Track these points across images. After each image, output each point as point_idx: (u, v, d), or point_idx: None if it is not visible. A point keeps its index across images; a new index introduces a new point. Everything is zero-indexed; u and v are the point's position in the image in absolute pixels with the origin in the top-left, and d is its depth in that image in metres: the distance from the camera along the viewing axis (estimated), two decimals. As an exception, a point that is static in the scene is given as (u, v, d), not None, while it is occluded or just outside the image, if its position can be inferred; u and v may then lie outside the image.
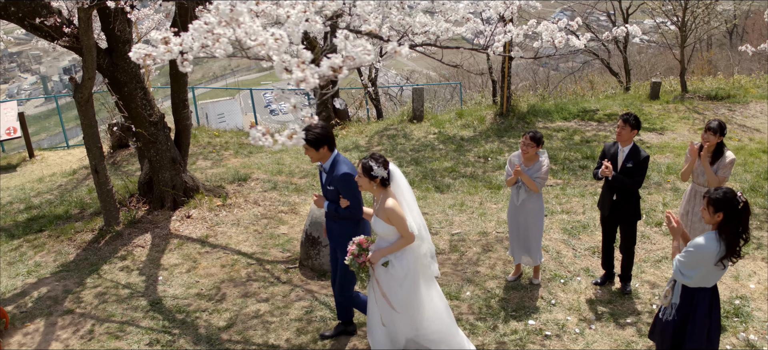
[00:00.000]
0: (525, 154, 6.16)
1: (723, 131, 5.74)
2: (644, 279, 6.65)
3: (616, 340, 5.62)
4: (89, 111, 7.21)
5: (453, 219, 8.16)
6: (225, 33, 3.25)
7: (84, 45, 6.63)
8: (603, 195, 6.34)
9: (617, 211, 6.19)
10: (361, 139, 12.17)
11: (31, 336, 5.89)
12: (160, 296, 6.45)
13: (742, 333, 5.62)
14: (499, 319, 5.95)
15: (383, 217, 4.58)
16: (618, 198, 6.14)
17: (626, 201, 6.13)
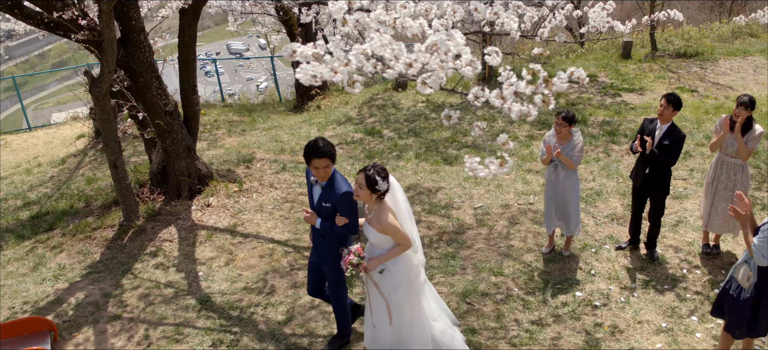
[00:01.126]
0: (558, 133, 6.36)
1: (753, 105, 6.10)
2: (666, 244, 7.04)
3: (659, 306, 5.99)
4: (106, 105, 6.89)
5: (471, 192, 8.33)
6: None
7: (105, 38, 6.31)
8: (637, 167, 6.63)
9: (649, 184, 6.50)
10: (350, 110, 12.09)
11: (83, 346, 5.74)
12: (207, 293, 6.37)
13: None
14: (547, 293, 6.22)
15: (377, 228, 4.62)
16: (650, 172, 6.44)
17: (658, 176, 6.44)
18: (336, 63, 3.17)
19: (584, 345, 5.48)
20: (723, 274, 6.45)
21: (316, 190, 4.81)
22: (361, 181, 4.54)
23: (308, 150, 4.56)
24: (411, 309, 4.92)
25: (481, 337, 5.63)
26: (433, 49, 3.14)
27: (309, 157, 4.57)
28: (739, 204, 4.63)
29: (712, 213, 6.58)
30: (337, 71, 3.19)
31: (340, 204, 4.69)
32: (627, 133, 10.06)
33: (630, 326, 5.73)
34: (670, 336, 5.57)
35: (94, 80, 6.70)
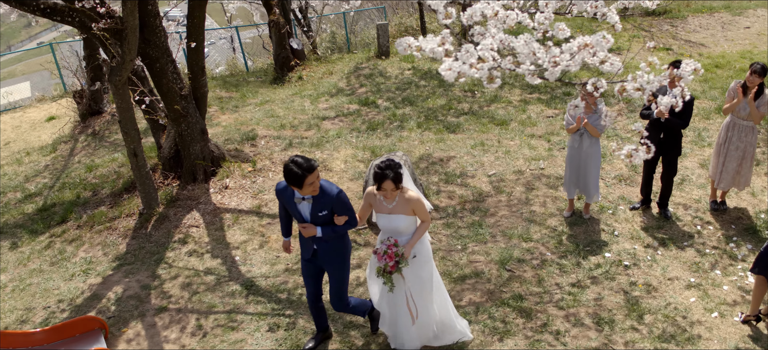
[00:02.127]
0: (586, 104, 6.63)
1: (765, 73, 6.52)
2: (675, 202, 7.49)
3: (684, 263, 6.43)
4: (126, 94, 6.71)
5: (481, 160, 8.56)
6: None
7: (129, 25, 6.12)
8: (650, 133, 6.95)
9: (663, 147, 6.87)
10: (337, 80, 12.05)
11: (135, 341, 5.70)
12: (250, 278, 6.40)
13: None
14: (579, 255, 6.55)
15: (406, 211, 4.80)
16: (665, 137, 6.81)
17: (672, 139, 6.82)
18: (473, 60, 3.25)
19: (626, 304, 5.85)
20: (733, 229, 6.94)
21: (304, 206, 4.68)
22: (388, 186, 4.64)
23: (301, 171, 4.39)
24: (434, 287, 5.14)
25: (529, 302, 5.91)
26: (583, 48, 3.27)
27: (303, 178, 4.40)
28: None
29: (722, 171, 7.03)
30: (477, 68, 3.28)
31: (337, 206, 4.67)
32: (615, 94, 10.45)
33: (662, 283, 6.13)
34: (701, 291, 6.01)
35: (113, 69, 6.49)
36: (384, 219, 4.88)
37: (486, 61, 3.36)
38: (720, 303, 5.82)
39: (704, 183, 7.80)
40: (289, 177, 4.45)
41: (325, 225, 4.73)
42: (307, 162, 4.44)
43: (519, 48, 3.37)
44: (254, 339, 5.60)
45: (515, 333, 5.57)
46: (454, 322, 5.36)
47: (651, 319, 5.68)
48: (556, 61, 3.46)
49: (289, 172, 4.44)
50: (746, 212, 7.21)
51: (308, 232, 4.73)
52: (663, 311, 5.75)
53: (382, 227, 4.93)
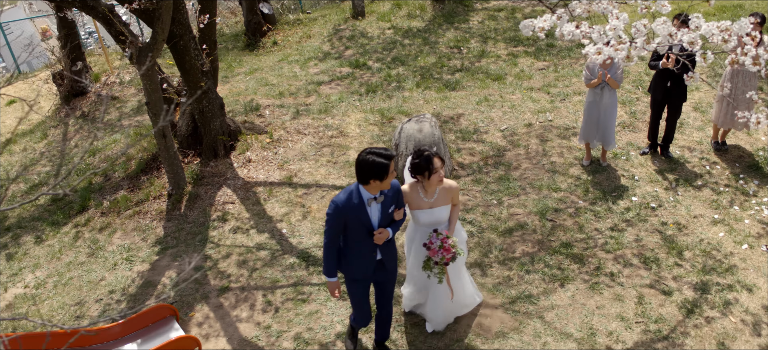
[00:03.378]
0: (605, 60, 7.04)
1: (765, 21, 7.12)
2: (679, 145, 8.10)
3: (703, 201, 7.05)
4: (154, 76, 6.56)
5: (490, 115, 8.89)
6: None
7: (164, 4, 5.98)
8: (656, 81, 7.50)
9: (670, 95, 7.42)
10: (320, 43, 11.98)
11: (206, 324, 5.76)
12: (304, 249, 6.52)
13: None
14: (608, 201, 7.06)
15: (447, 201, 4.95)
16: (671, 85, 7.35)
17: (678, 87, 7.37)
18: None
19: (664, 243, 6.40)
20: (738, 167, 7.63)
21: (374, 209, 4.44)
22: (439, 165, 4.76)
23: (387, 159, 4.26)
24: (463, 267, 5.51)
25: (578, 249, 6.37)
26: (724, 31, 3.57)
27: (389, 166, 4.28)
28: None
29: (727, 113, 7.65)
30: (618, 49, 3.55)
31: (399, 198, 4.62)
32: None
33: (689, 221, 6.72)
34: (727, 226, 6.64)
35: (142, 49, 6.32)
36: (425, 214, 4.88)
37: (623, 42, 3.62)
38: (746, 236, 6.47)
39: (701, 126, 8.45)
40: (374, 169, 4.24)
41: (391, 225, 4.59)
42: (385, 150, 4.32)
43: (657, 29, 3.65)
44: (328, 309, 5.78)
45: (573, 279, 6.02)
46: (472, 289, 5.72)
47: (690, 255, 6.25)
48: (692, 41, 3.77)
49: (374, 165, 4.23)
50: (746, 150, 7.91)
51: (383, 237, 4.49)
52: (698, 246, 6.34)
53: (423, 222, 4.91)
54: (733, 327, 5.47)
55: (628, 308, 5.69)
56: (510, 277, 6.11)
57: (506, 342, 5.40)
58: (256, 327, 5.68)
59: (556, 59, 10.58)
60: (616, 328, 5.50)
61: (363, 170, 4.29)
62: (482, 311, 5.71)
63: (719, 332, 5.43)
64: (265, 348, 5.47)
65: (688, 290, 5.85)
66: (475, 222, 6.85)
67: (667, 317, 5.58)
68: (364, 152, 4.33)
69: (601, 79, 7.11)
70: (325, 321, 5.66)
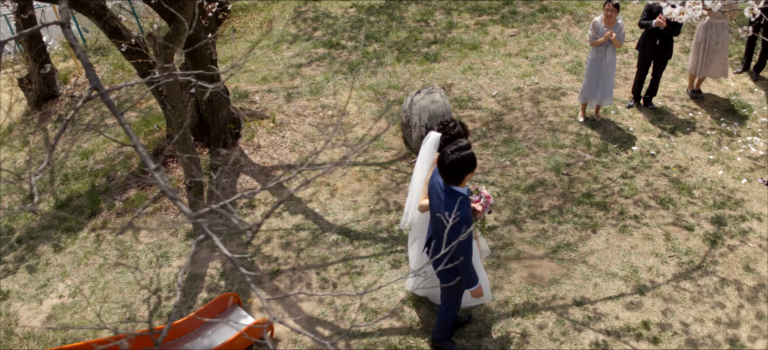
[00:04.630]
0: (608, 19, 7.68)
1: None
2: (659, 96, 8.91)
3: (696, 145, 7.88)
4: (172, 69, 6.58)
5: (478, 83, 9.40)
6: None
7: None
8: (646, 40, 8.21)
9: (658, 52, 8.17)
10: (284, 27, 12.03)
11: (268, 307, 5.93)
12: (343, 225, 6.79)
13: None
14: (612, 153, 7.74)
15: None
16: (660, 43, 8.10)
17: (666, 45, 8.14)
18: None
19: (673, 185, 7.15)
20: (716, 111, 8.51)
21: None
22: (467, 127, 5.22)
23: (470, 152, 4.43)
24: None
25: (598, 197, 7.01)
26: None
27: (474, 160, 4.49)
28: None
29: (704, 63, 8.49)
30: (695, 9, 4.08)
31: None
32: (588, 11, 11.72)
33: (688, 163, 7.52)
34: (722, 164, 7.48)
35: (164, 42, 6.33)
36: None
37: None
38: (742, 172, 7.33)
39: (674, 77, 9.32)
40: (468, 164, 4.40)
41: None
42: (460, 139, 4.55)
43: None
44: (386, 278, 6.10)
45: (603, 224, 6.64)
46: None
47: (699, 193, 7.03)
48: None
49: (467, 160, 4.39)
50: (719, 97, 8.83)
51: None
52: (704, 185, 7.14)
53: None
54: (754, 252, 6.26)
55: (659, 245, 6.37)
56: (545, 229, 6.65)
57: (561, 288, 5.93)
58: (319, 304, 5.93)
59: (522, 25, 11.22)
60: (653, 264, 6.16)
61: (457, 170, 4.39)
62: (531, 262, 6.23)
63: (743, 257, 6.21)
64: (335, 323, 5.73)
65: (707, 224, 6.61)
66: (497, 183, 7.33)
67: (695, 249, 6.31)
68: (446, 153, 4.42)
69: (607, 38, 7.73)
70: (386, 290, 5.98)
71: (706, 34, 8.45)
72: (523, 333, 5.55)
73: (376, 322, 5.65)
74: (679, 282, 5.97)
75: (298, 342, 5.60)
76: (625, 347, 5.39)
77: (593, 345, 5.41)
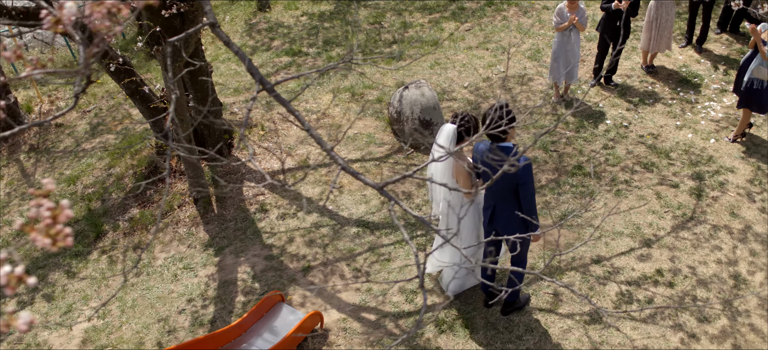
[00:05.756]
0: (571, 4, 8.53)
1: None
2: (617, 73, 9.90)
3: (661, 114, 8.87)
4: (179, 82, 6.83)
5: (448, 76, 10.07)
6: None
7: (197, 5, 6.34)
8: (607, 21, 9.14)
9: (617, 32, 9.13)
10: (240, 40, 12.25)
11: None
12: (359, 218, 7.23)
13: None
14: (591, 127, 8.59)
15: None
16: (620, 23, 9.06)
17: (626, 25, 9.10)
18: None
19: (651, 150, 8.07)
20: (672, 82, 9.56)
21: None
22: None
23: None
24: None
25: (588, 168, 7.79)
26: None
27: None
28: (752, 33, 7.43)
29: (656, 39, 9.53)
30: None
31: None
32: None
33: (660, 131, 8.47)
34: (689, 127, 8.48)
35: (176, 50, 6.58)
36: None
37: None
38: (709, 133, 8.34)
39: (628, 55, 10.34)
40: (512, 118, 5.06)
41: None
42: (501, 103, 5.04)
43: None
44: (414, 262, 6.59)
45: (598, 191, 7.45)
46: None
47: (675, 155, 7.97)
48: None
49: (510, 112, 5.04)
50: (671, 69, 9.90)
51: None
52: (678, 148, 8.09)
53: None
54: (735, 200, 7.23)
55: (653, 203, 7.22)
56: (548, 201, 7.36)
57: (577, 251, 6.64)
58: (358, 293, 6.35)
59: (474, 19, 12.02)
60: (652, 220, 6.99)
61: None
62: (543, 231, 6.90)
63: (727, 205, 7.15)
64: (379, 307, 6.17)
65: (689, 181, 7.53)
66: (493, 166, 7.98)
67: (685, 203, 7.20)
68: (491, 116, 4.89)
69: (571, 22, 8.57)
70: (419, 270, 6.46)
71: (657, 12, 9.49)
72: (554, 292, 6.21)
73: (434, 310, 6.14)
74: (678, 233, 6.83)
75: (348, 330, 6.00)
76: (647, 292, 6.14)
77: (619, 296, 6.14)
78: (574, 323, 5.92)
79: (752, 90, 7.71)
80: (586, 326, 5.87)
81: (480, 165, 5.29)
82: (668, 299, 6.09)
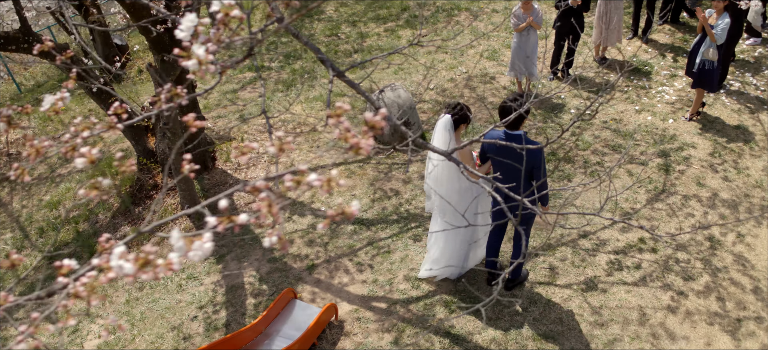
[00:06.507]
0: (526, 6, 9.21)
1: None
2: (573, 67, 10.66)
3: (620, 100, 9.63)
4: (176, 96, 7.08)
5: (413, 80, 10.62)
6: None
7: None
8: (562, 19, 9.89)
9: (572, 29, 9.89)
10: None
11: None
12: (359, 218, 7.59)
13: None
14: (555, 117, 9.27)
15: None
16: (574, 19, 9.83)
17: (578, 20, 9.87)
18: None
19: (616, 134, 8.81)
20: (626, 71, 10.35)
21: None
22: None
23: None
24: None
25: (561, 153, 8.43)
26: None
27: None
28: (700, 17, 8.27)
29: (606, 33, 10.34)
30: None
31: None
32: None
33: (621, 115, 9.25)
34: (648, 111, 9.28)
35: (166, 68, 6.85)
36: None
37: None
38: (666, 114, 9.14)
39: (579, 50, 11.12)
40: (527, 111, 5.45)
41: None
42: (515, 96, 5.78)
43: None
44: (414, 251, 7.05)
45: (574, 174, 8.12)
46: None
47: (639, 136, 8.73)
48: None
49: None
50: (620, 60, 10.73)
51: None
52: (641, 129, 8.85)
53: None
54: (699, 171, 8.01)
55: (626, 180, 7.92)
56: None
57: (564, 229, 7.22)
58: (364, 285, 6.73)
59: (428, 26, 12.64)
60: (627, 195, 7.68)
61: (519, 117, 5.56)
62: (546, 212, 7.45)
63: (692, 177, 7.91)
64: (387, 296, 6.56)
65: (656, 158, 8.28)
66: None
67: (655, 178, 7.93)
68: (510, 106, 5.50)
69: (528, 23, 9.25)
70: (419, 260, 6.92)
71: (606, 8, 10.31)
72: (550, 266, 6.76)
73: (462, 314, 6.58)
74: (653, 205, 7.52)
75: (361, 319, 6.36)
76: (634, 259, 6.78)
77: (610, 264, 6.75)
78: (573, 292, 6.48)
79: (704, 71, 8.54)
80: (584, 293, 6.45)
81: (491, 152, 5.81)
82: (653, 263, 6.74)
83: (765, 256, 6.81)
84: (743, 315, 6.17)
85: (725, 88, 9.67)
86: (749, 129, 8.75)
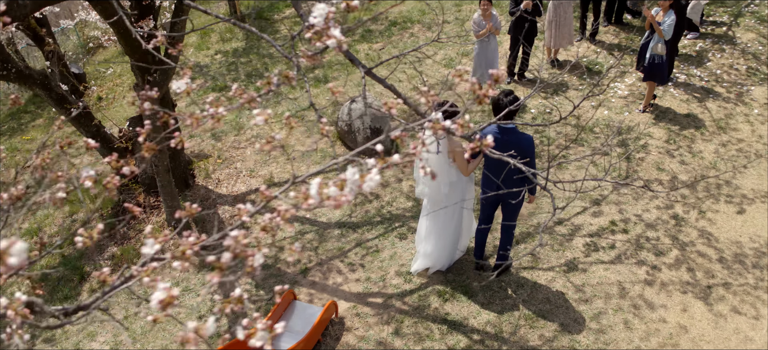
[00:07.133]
0: (485, 13, 9.85)
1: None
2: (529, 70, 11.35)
3: (576, 98, 10.34)
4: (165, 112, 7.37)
5: (378, 90, 11.09)
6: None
7: (181, 23, 6.98)
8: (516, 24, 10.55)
9: (529, 33, 10.58)
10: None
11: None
12: (338, 221, 8.05)
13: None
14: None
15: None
16: (528, 25, 10.52)
17: (532, 25, 10.56)
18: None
19: (576, 129, 9.47)
20: (576, 72, 11.12)
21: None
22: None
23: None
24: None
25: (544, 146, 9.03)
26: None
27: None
28: (648, 16, 9.05)
29: (557, 36, 11.07)
30: None
31: None
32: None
33: (581, 113, 9.96)
34: (604, 106, 10.07)
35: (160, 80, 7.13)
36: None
37: None
38: (622, 108, 9.89)
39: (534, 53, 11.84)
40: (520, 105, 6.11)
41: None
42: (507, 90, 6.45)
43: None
44: (402, 248, 7.51)
45: (542, 167, 8.67)
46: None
47: (599, 129, 9.49)
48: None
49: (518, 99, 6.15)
50: (572, 61, 11.49)
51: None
52: (601, 123, 9.60)
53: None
54: (658, 157, 8.74)
55: (591, 170, 8.57)
56: (503, 183, 8.48)
57: (539, 217, 7.80)
58: (358, 283, 7.14)
59: (382, 39, 13.17)
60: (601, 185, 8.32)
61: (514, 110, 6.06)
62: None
63: (652, 163, 8.65)
64: (382, 291, 6.98)
65: (618, 148, 8.96)
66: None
67: (617, 166, 8.59)
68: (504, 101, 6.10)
69: (489, 30, 9.87)
70: (408, 256, 7.36)
71: (556, 12, 11.05)
72: (532, 254, 7.31)
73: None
74: (619, 191, 8.19)
75: (360, 315, 6.76)
76: (608, 240, 7.40)
77: (586, 246, 7.35)
78: (556, 274, 7.05)
79: (654, 65, 9.32)
80: (566, 274, 7.02)
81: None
82: (626, 242, 7.38)
83: (725, 229, 7.54)
84: (712, 282, 6.85)
85: (673, 80, 10.52)
86: (699, 116, 9.59)
